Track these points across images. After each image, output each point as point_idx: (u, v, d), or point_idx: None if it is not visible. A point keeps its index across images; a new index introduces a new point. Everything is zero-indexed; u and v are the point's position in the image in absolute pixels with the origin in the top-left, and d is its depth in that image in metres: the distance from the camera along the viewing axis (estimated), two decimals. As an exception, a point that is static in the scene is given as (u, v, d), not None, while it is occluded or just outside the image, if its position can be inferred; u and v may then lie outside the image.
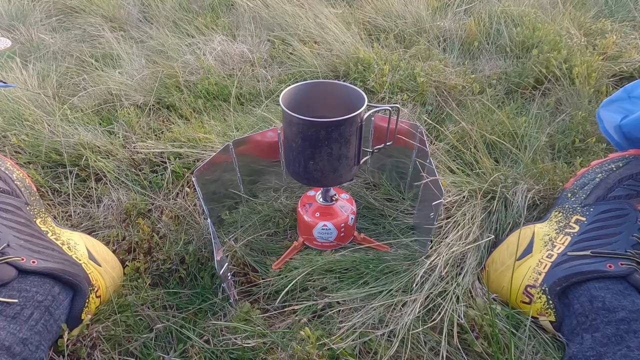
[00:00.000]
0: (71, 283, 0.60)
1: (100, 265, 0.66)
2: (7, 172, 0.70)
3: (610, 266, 0.58)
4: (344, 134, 0.60)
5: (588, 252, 0.60)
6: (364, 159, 0.67)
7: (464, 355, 0.59)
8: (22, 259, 0.57)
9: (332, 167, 0.64)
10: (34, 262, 0.58)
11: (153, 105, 1.15)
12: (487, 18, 1.42)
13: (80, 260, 0.64)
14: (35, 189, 0.73)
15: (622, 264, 0.57)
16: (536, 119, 1.01)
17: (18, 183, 0.70)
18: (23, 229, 0.62)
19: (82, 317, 0.61)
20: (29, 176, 0.74)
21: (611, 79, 1.15)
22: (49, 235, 0.65)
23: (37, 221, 0.67)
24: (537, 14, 1.43)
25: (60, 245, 0.64)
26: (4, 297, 0.54)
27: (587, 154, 0.91)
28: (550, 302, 0.59)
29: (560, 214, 0.68)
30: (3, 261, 0.56)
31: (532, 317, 0.61)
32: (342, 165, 0.64)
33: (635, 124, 0.68)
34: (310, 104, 0.66)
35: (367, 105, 0.61)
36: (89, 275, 0.63)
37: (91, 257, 0.66)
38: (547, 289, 0.60)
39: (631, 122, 0.68)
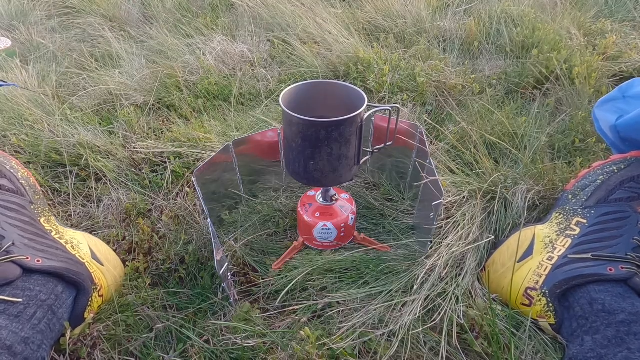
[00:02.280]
0: (75, 282, 0.60)
1: (102, 265, 0.66)
2: (12, 170, 0.70)
3: (611, 270, 0.57)
4: (344, 134, 0.60)
5: (589, 255, 0.60)
6: (364, 159, 0.67)
7: (463, 356, 0.59)
8: (27, 258, 0.57)
9: (332, 167, 0.64)
10: (38, 261, 0.58)
11: (153, 105, 1.15)
12: (487, 18, 1.42)
13: (83, 259, 0.64)
14: (39, 188, 0.74)
15: (622, 268, 0.57)
16: (536, 119, 1.01)
17: (23, 182, 0.70)
18: (28, 227, 0.62)
19: (85, 316, 0.61)
20: (32, 175, 0.74)
21: (611, 79, 1.15)
22: (52, 234, 0.65)
23: (41, 220, 0.67)
24: (537, 14, 1.43)
25: (64, 245, 0.64)
26: (8, 296, 0.54)
27: (587, 154, 0.91)
28: (551, 304, 0.59)
29: (561, 215, 0.68)
30: (8, 260, 0.56)
31: (532, 319, 0.61)
32: (342, 165, 0.64)
33: (630, 124, 0.68)
34: (310, 104, 0.66)
35: (367, 105, 0.61)
36: (92, 274, 0.63)
37: (94, 256, 0.66)
38: (547, 291, 0.60)
39: (626, 123, 0.68)
